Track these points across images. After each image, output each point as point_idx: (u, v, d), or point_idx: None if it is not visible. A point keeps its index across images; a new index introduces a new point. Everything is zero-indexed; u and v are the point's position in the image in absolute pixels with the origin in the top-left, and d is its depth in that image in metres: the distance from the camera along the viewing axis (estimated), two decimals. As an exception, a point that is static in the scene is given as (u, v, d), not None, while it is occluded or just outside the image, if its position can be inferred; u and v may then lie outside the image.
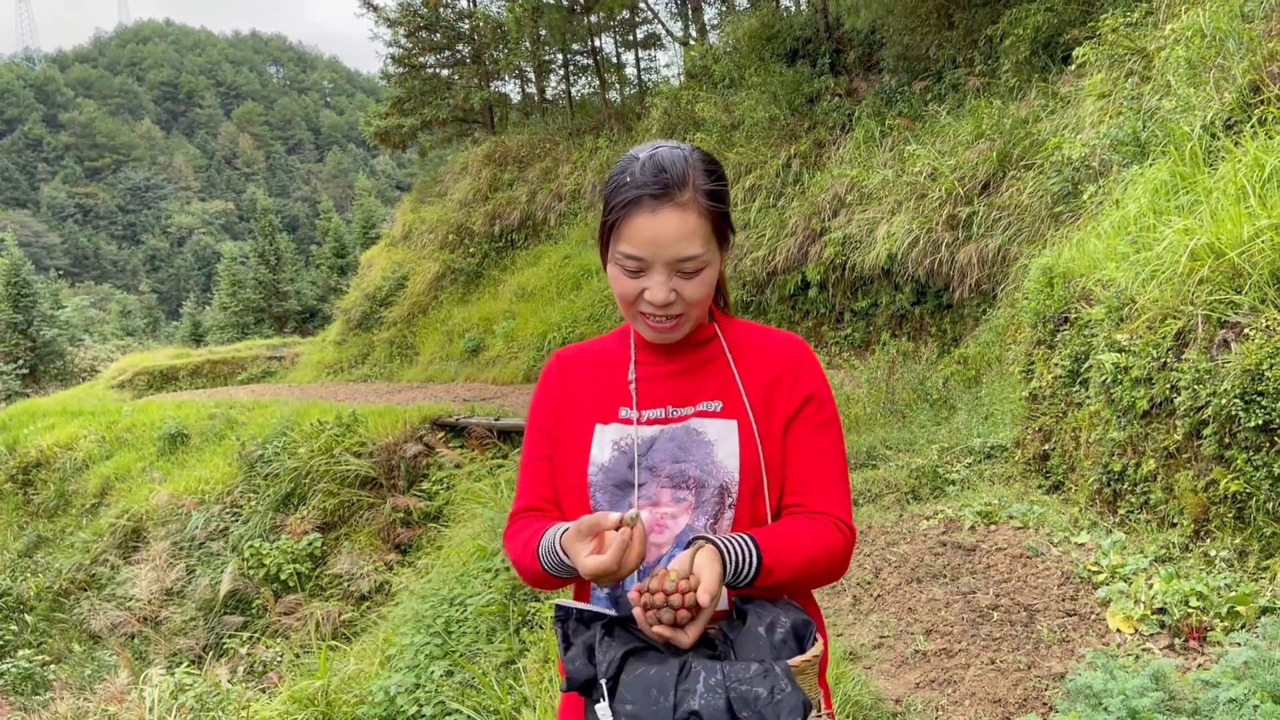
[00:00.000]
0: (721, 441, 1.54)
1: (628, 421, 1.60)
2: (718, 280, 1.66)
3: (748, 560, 1.41)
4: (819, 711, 1.41)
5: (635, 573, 1.45)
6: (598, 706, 1.39)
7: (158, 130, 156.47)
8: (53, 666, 10.26)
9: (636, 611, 1.36)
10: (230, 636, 9.72)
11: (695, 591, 1.33)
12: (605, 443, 1.60)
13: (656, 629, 1.34)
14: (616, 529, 1.40)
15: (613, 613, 1.48)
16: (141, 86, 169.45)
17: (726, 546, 1.41)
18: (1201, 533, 4.22)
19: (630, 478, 1.56)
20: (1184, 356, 4.29)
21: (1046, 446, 5.89)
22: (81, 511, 15.19)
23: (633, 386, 1.62)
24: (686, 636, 1.35)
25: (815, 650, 1.39)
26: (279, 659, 8.48)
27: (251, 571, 10.33)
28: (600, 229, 1.58)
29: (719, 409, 1.57)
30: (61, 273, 78.12)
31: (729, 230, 1.58)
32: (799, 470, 1.57)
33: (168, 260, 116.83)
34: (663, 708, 1.31)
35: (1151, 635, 3.55)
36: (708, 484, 1.53)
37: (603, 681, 1.38)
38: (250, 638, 9.49)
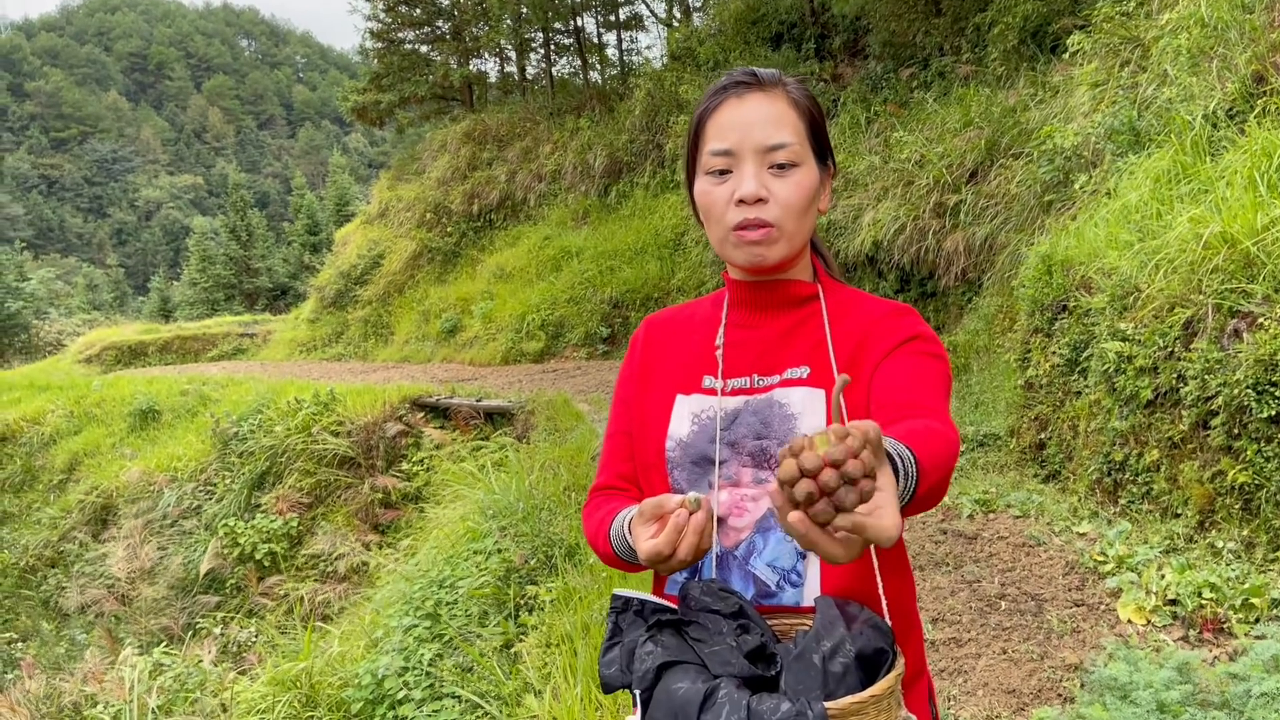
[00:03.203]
0: (806, 414, 1.36)
1: (711, 391, 1.44)
2: (815, 233, 1.51)
3: (907, 459, 1.06)
4: None
5: (699, 563, 1.34)
6: (629, 718, 1.25)
7: (125, 102, 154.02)
8: (20, 644, 10.05)
9: (794, 520, 0.91)
10: (204, 616, 9.56)
11: (864, 454, 0.90)
12: (685, 415, 1.44)
13: (814, 536, 0.91)
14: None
15: (674, 607, 1.31)
16: (110, 56, 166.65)
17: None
18: (1206, 524, 4.20)
19: (710, 454, 1.40)
20: (1192, 346, 4.25)
21: (1043, 435, 5.86)
22: (49, 487, 14.91)
23: (719, 352, 1.46)
24: (854, 546, 0.94)
25: (876, 689, 1.11)
26: (254, 638, 8.34)
27: (226, 551, 10.15)
28: (687, 151, 1.47)
29: (805, 375, 1.39)
30: (25, 245, 76.70)
31: (829, 155, 1.45)
32: (890, 387, 1.30)
33: (135, 234, 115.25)
34: None
35: (1164, 626, 3.52)
36: None
37: (637, 692, 1.23)
38: (224, 618, 9.34)
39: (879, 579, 1.29)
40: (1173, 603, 3.62)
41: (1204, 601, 3.51)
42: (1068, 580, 4.09)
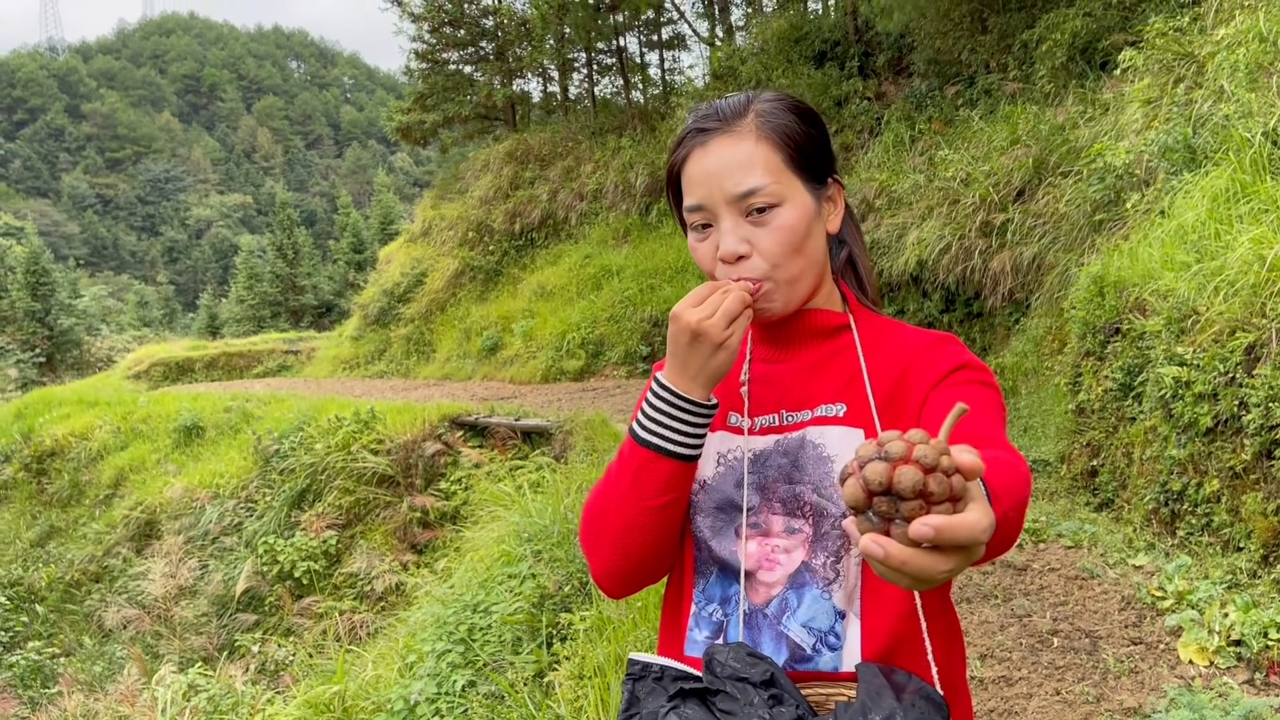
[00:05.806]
0: (843, 456, 1.22)
1: (738, 430, 1.32)
2: (848, 258, 1.41)
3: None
4: None
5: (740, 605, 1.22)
6: None
7: (178, 123, 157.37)
8: (62, 660, 10.12)
9: (866, 543, 0.78)
10: (243, 634, 9.57)
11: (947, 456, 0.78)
12: (709, 454, 1.32)
13: (894, 547, 0.77)
14: None
15: (697, 674, 1.17)
16: (164, 79, 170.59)
17: None
18: (1271, 558, 4.00)
19: (736, 498, 1.27)
20: (1255, 372, 4.07)
21: (1095, 462, 5.67)
22: (95, 502, 15.10)
23: (744, 389, 1.34)
24: (947, 561, 0.78)
25: None
26: (291, 658, 8.32)
27: (265, 568, 10.17)
28: (672, 204, 1.38)
29: (841, 414, 1.25)
30: (80, 262, 78.41)
31: (827, 173, 1.30)
32: (941, 420, 1.13)
33: (185, 252, 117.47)
34: None
35: (1228, 669, 3.34)
36: (827, 511, 1.20)
37: None
38: (262, 636, 9.33)
39: (928, 643, 1.16)
40: (1237, 643, 3.44)
41: (1270, 643, 3.33)
42: (1124, 616, 3.91)
